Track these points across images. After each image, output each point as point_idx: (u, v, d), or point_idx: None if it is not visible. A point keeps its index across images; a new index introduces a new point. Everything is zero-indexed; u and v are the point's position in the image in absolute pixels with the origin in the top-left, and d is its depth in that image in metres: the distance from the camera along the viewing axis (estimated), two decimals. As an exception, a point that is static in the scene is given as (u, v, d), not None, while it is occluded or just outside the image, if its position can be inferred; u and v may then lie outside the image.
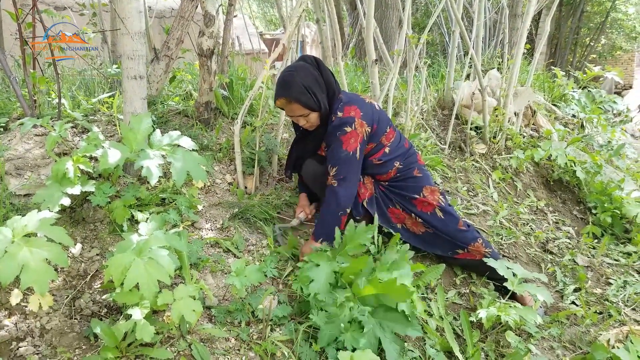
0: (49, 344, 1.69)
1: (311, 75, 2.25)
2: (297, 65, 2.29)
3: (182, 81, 3.72)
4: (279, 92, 2.27)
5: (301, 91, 2.21)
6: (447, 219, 2.45)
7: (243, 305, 2.00)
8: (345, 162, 2.25)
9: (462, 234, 2.44)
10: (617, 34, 14.80)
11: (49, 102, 3.01)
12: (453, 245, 2.47)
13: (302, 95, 2.22)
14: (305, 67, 2.27)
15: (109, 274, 1.51)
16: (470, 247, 2.45)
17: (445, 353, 2.07)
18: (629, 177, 4.22)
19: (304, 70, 2.25)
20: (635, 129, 7.85)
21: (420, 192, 2.47)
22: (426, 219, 2.45)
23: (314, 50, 11.76)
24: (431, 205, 2.45)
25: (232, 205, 2.63)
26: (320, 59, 2.33)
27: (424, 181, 2.51)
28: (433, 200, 2.46)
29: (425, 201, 2.45)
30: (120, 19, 2.26)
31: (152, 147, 2.02)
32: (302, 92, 2.21)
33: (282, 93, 2.25)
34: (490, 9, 6.35)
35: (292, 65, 2.31)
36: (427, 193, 2.48)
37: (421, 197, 2.46)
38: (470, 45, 3.76)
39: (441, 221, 2.44)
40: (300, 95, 2.21)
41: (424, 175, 2.54)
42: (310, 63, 2.30)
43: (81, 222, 2.21)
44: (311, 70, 2.26)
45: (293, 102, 2.25)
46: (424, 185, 2.49)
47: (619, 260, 3.17)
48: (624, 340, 2.31)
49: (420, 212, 2.46)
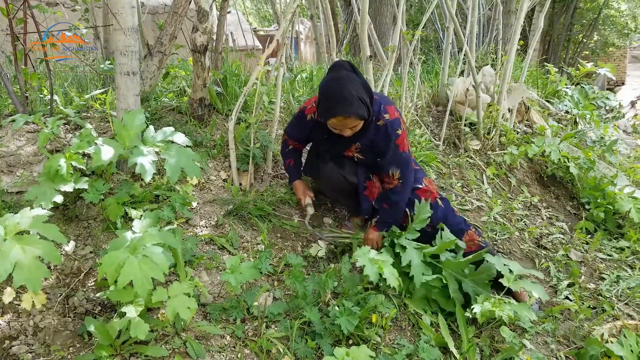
0: (43, 342, 1.68)
1: (358, 83, 2.13)
2: (342, 76, 2.14)
3: (176, 77, 3.70)
4: (336, 108, 2.11)
5: (359, 105, 2.10)
6: (445, 208, 2.52)
7: (238, 302, 2.00)
8: (405, 163, 2.35)
9: (459, 219, 2.53)
10: (610, 30, 14.87)
11: (40, 98, 2.99)
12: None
13: (360, 109, 2.10)
14: (351, 77, 2.13)
15: (102, 272, 1.50)
16: (464, 237, 2.48)
17: (440, 349, 2.07)
18: (621, 172, 4.25)
19: (353, 81, 2.12)
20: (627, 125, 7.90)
21: (422, 182, 2.54)
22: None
23: (308, 46, 11.72)
24: (433, 195, 2.51)
25: (226, 202, 2.62)
26: (350, 62, 2.23)
27: (421, 173, 2.62)
28: (433, 189, 2.55)
29: (428, 190, 2.52)
30: (113, 15, 2.24)
31: (145, 143, 2.01)
32: (360, 106, 2.10)
33: (342, 111, 2.10)
34: (484, 6, 6.36)
35: (336, 76, 2.15)
36: (427, 182, 2.57)
37: (423, 187, 2.52)
38: (464, 41, 3.77)
39: (442, 210, 2.50)
40: (358, 109, 2.10)
41: (419, 169, 2.64)
42: (350, 69, 2.18)
43: (74, 220, 2.20)
44: (356, 78, 2.14)
45: (350, 117, 2.13)
46: (422, 176, 2.59)
47: (612, 255, 3.19)
48: (617, 334, 2.32)
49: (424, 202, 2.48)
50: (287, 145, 2.69)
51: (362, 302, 2.08)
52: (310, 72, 4.41)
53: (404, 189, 2.39)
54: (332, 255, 2.55)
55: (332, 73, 2.20)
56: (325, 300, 2.12)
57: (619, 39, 15.26)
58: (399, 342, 2.06)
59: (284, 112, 3.51)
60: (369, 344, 1.96)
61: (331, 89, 2.14)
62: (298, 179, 2.68)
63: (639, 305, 2.69)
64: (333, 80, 2.15)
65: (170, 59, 3.45)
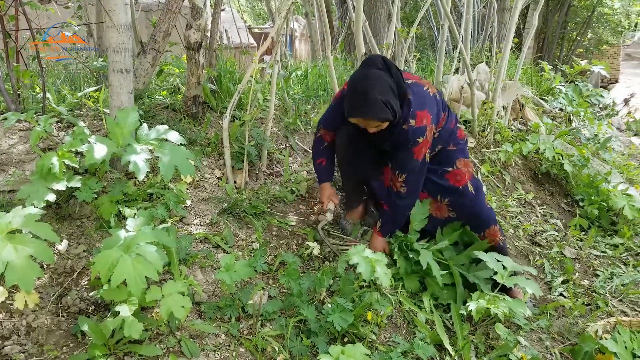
0: (36, 342, 1.67)
1: (386, 85, 2.06)
2: (370, 75, 2.08)
3: (170, 75, 3.69)
4: (358, 110, 2.10)
5: (380, 108, 2.04)
6: (477, 195, 2.44)
7: (233, 300, 1.99)
8: (415, 170, 2.26)
9: (487, 211, 2.46)
10: (604, 28, 14.92)
11: (33, 96, 2.97)
12: (474, 228, 2.48)
13: (381, 112, 2.05)
14: (379, 77, 2.06)
15: (96, 271, 1.49)
16: (487, 231, 2.45)
17: (435, 346, 2.08)
18: (615, 170, 4.27)
19: (379, 81, 2.05)
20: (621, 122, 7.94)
21: (454, 164, 2.44)
22: (455, 196, 2.43)
23: (302, 44, 11.70)
24: (463, 179, 2.43)
25: (221, 200, 2.61)
26: (387, 58, 2.14)
27: (457, 153, 2.47)
28: (466, 173, 2.44)
29: (459, 174, 2.43)
30: (106, 12, 2.23)
31: (139, 141, 2.00)
32: (381, 109, 2.04)
33: (362, 113, 2.09)
34: (479, 3, 6.36)
35: (365, 74, 2.10)
36: (461, 165, 2.45)
37: (454, 169, 2.44)
38: (459, 39, 3.77)
39: (471, 197, 2.43)
40: (378, 113, 2.05)
41: (458, 149, 2.48)
42: (381, 67, 2.09)
43: (67, 219, 2.18)
44: (385, 79, 2.07)
45: (371, 119, 2.10)
46: (457, 157, 2.46)
47: (606, 252, 3.20)
48: (611, 331, 2.33)
49: (452, 186, 2.43)
50: (321, 142, 2.56)
51: (358, 300, 2.08)
52: (305, 69, 4.40)
53: (407, 196, 2.31)
54: (328, 253, 2.55)
55: (362, 69, 2.15)
56: (320, 298, 2.11)
57: (613, 37, 15.32)
58: (394, 339, 2.06)
59: (279, 110, 3.50)
60: (364, 342, 1.96)
61: (356, 88, 2.10)
62: (328, 182, 2.61)
63: (632, 301, 2.71)
64: (360, 78, 2.10)
65: (164, 57, 3.43)
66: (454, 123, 2.46)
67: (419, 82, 2.26)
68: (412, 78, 2.28)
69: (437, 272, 2.25)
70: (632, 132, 7.43)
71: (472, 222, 2.48)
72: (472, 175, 2.46)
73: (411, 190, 2.31)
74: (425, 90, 2.22)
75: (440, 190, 2.46)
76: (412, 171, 2.26)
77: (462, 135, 2.53)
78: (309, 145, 3.35)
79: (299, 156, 3.25)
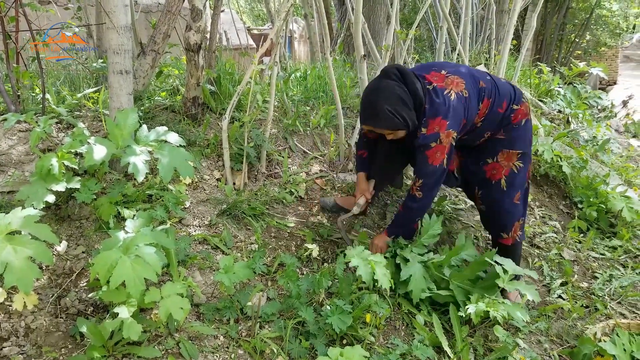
0: (34, 343, 1.67)
1: (396, 95, 2.09)
2: (381, 86, 2.13)
3: (169, 76, 3.69)
4: (365, 120, 2.21)
5: (388, 117, 2.09)
6: (508, 191, 2.41)
7: (232, 302, 1.99)
8: (431, 176, 2.24)
9: (514, 208, 2.44)
10: (602, 30, 14.96)
11: (32, 97, 2.96)
12: (498, 226, 2.50)
13: (390, 122, 2.10)
14: (389, 87, 2.10)
15: (95, 272, 1.49)
16: (514, 226, 2.45)
17: (434, 348, 2.08)
18: (614, 171, 4.27)
19: (389, 91, 2.09)
20: (619, 124, 7.95)
21: (496, 155, 2.40)
22: (487, 189, 2.45)
23: (302, 45, 11.71)
24: (499, 173, 2.39)
25: (220, 201, 2.61)
26: (403, 67, 2.16)
27: (503, 144, 2.39)
28: (506, 167, 2.39)
29: (497, 167, 2.40)
30: (106, 13, 2.23)
31: (138, 143, 2.00)
32: (389, 118, 2.09)
33: (368, 122, 2.20)
34: (478, 5, 6.38)
35: (375, 85, 2.16)
36: (502, 158, 2.39)
37: (494, 162, 2.41)
38: (457, 41, 3.78)
39: (501, 193, 2.41)
40: (387, 122, 2.11)
41: (507, 138, 2.38)
42: (395, 78, 2.13)
43: (66, 220, 2.18)
44: (396, 89, 2.09)
45: (380, 129, 2.20)
46: (501, 149, 2.39)
47: (605, 254, 3.20)
48: (610, 333, 2.34)
49: (486, 180, 2.43)
50: (364, 136, 2.62)
51: (356, 302, 2.08)
52: (304, 71, 4.40)
53: (420, 200, 2.29)
54: (327, 254, 2.55)
55: (375, 80, 2.21)
56: (319, 300, 2.12)
57: (611, 39, 15.36)
58: (393, 341, 2.07)
59: (278, 111, 3.51)
60: (363, 344, 1.96)
61: (366, 99, 2.18)
62: (364, 172, 2.63)
63: (631, 304, 2.71)
64: (372, 89, 2.17)
65: (163, 58, 3.43)
66: (505, 106, 2.30)
67: (441, 85, 2.17)
68: (436, 81, 2.19)
69: (416, 287, 2.21)
70: (630, 134, 7.45)
71: (497, 221, 2.49)
72: (510, 171, 2.38)
73: (425, 196, 2.29)
74: (445, 94, 2.14)
75: (477, 180, 2.49)
76: (427, 176, 2.25)
77: (519, 118, 2.34)
78: (308, 147, 3.36)
79: (298, 157, 3.26)
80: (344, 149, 3.27)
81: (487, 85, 2.26)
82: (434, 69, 2.26)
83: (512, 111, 2.32)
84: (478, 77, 2.27)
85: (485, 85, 2.26)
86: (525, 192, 2.49)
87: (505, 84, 2.37)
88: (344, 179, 3.14)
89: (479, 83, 2.25)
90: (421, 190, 2.27)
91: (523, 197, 2.48)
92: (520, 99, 2.35)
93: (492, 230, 2.58)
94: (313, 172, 3.16)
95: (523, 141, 2.39)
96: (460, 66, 2.33)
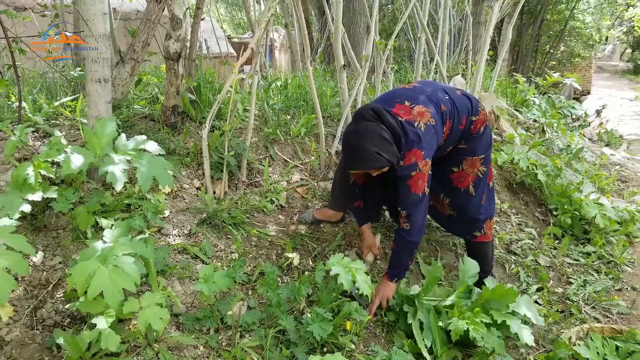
0: (9, 356, 1.63)
1: (378, 135, 2.10)
2: (359, 129, 2.15)
3: (149, 84, 3.66)
4: (353, 165, 2.23)
5: (374, 159, 2.10)
6: (476, 195, 2.51)
7: (212, 311, 1.98)
8: (416, 205, 2.24)
9: (483, 208, 2.55)
10: (576, 41, 15.39)
11: (8, 105, 2.92)
12: (471, 228, 2.58)
13: (377, 163, 2.12)
14: (370, 130, 2.12)
15: (72, 283, 1.48)
16: (485, 223, 2.56)
17: (414, 354, 2.09)
18: (587, 179, 4.38)
19: (371, 134, 2.11)
20: (593, 133, 8.16)
21: (460, 164, 2.48)
22: (455, 197, 2.54)
23: (282, 54, 11.75)
24: (466, 180, 2.49)
25: (200, 210, 2.60)
26: (375, 106, 2.18)
27: (467, 152, 2.46)
28: (471, 174, 2.48)
29: (463, 175, 2.49)
30: (84, 21, 2.22)
31: (117, 151, 1.99)
32: (376, 160, 2.11)
33: (356, 167, 2.24)
34: (455, 17, 6.50)
35: (354, 129, 2.18)
36: (467, 166, 2.47)
37: (459, 171, 2.50)
38: (435, 51, 3.84)
39: (470, 197, 2.52)
40: (375, 164, 2.12)
41: (469, 147, 2.45)
42: (372, 119, 2.15)
43: (43, 230, 2.15)
44: (377, 129, 2.11)
45: (368, 170, 2.23)
46: (465, 157, 2.47)
47: (579, 260, 3.28)
48: (584, 337, 2.39)
49: (454, 188, 2.51)
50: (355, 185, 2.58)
51: (337, 309, 2.09)
52: (285, 80, 4.42)
53: (411, 232, 2.27)
54: (307, 263, 2.56)
55: (352, 124, 2.22)
56: (300, 308, 2.12)
57: (585, 50, 15.80)
58: (373, 348, 2.08)
59: (259, 120, 3.51)
60: (343, 352, 1.97)
61: (348, 144, 2.20)
62: (366, 224, 2.68)
63: (605, 308, 2.78)
64: (352, 133, 2.18)
65: (142, 66, 3.41)
66: (464, 122, 2.36)
67: (409, 118, 2.20)
68: (403, 114, 2.21)
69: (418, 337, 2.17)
70: (603, 142, 7.65)
71: (470, 224, 2.57)
72: (476, 176, 2.48)
73: (414, 226, 2.27)
74: (415, 127, 2.18)
75: (443, 188, 2.56)
76: (411, 206, 2.24)
77: (478, 127, 2.41)
78: (289, 156, 3.37)
79: (278, 166, 3.26)
80: (325, 157, 3.29)
81: (448, 108, 2.30)
82: (397, 100, 2.26)
83: (471, 123, 2.38)
84: (439, 101, 2.29)
85: (447, 109, 2.29)
86: (491, 190, 2.60)
87: (462, 97, 2.39)
88: (324, 188, 3.16)
89: (441, 107, 2.28)
90: (409, 222, 2.26)
91: (489, 196, 2.58)
92: (477, 109, 2.40)
93: (465, 233, 2.64)
94: (294, 180, 3.17)
95: (483, 146, 2.48)
96: (419, 92, 2.32)
